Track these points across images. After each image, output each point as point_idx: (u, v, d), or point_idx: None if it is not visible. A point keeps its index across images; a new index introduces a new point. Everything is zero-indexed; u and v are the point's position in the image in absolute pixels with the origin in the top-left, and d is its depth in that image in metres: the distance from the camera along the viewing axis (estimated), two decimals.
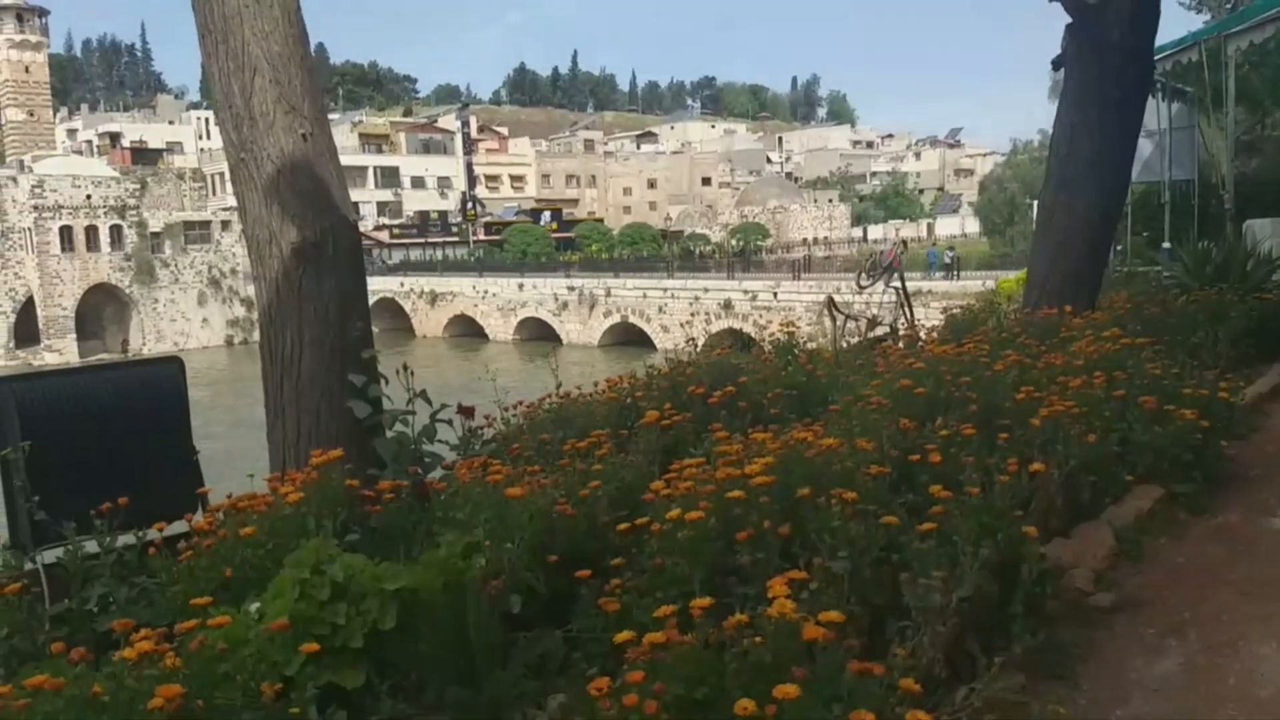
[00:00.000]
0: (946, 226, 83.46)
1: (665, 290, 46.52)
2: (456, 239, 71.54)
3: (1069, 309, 6.70)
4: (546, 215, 75.37)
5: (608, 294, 48.95)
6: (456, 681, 2.55)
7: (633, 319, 47.62)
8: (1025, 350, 5.34)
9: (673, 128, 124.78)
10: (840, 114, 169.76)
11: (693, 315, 43.52)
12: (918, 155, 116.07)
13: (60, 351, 50.84)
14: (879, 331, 8.35)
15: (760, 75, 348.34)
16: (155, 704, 1.97)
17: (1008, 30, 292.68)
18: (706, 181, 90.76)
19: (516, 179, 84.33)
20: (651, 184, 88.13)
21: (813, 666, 2.09)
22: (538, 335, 51.08)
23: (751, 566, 2.75)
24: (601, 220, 78.25)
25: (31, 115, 75.39)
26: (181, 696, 2.01)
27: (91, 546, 3.22)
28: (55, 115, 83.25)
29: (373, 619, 2.47)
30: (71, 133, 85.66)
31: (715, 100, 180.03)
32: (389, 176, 73.79)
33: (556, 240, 69.26)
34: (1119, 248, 12.47)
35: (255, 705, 2.15)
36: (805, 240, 71.20)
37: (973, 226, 75.71)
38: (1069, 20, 7.94)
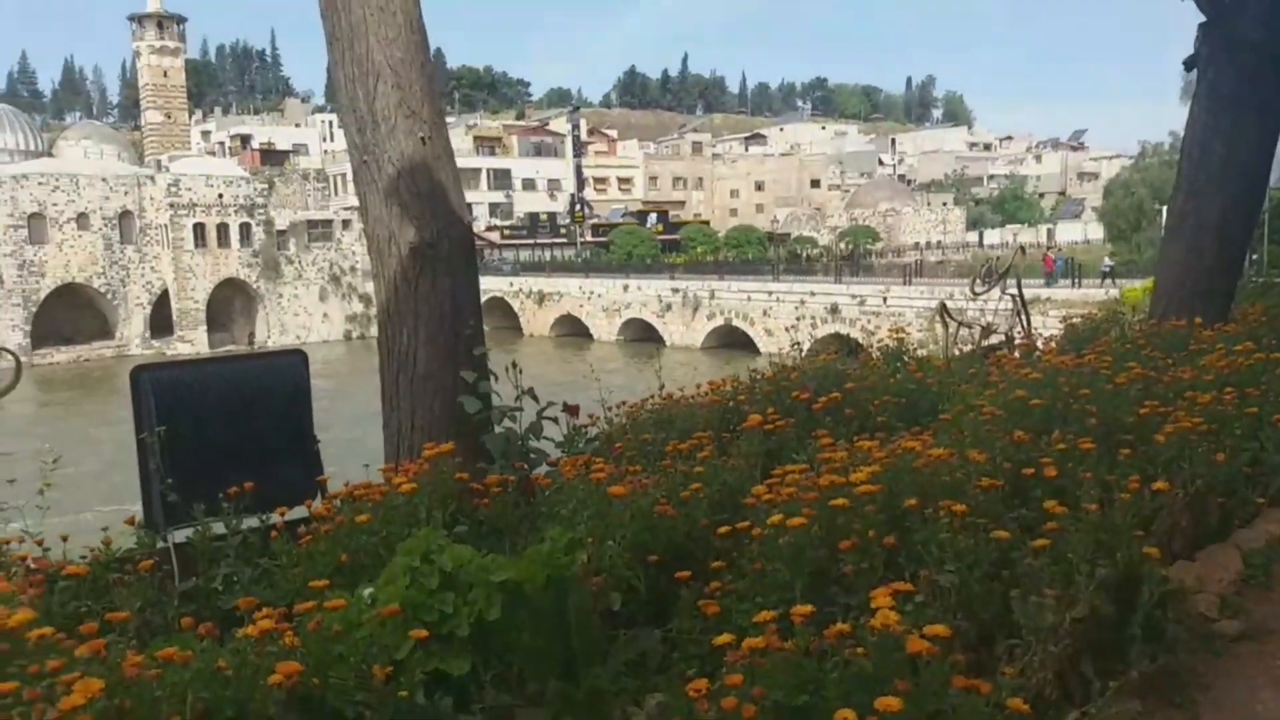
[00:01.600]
0: (1068, 232, 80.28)
1: (770, 293, 46.12)
2: (564, 240, 72.61)
3: (1199, 320, 6.38)
4: (653, 217, 75.76)
5: (711, 296, 48.84)
6: (557, 675, 2.59)
7: (736, 322, 47.39)
8: (1150, 363, 5.11)
9: (782, 129, 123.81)
10: (956, 115, 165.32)
11: (798, 319, 43.01)
12: (1038, 158, 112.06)
13: (192, 342, 53.68)
14: (993, 340, 8.10)
15: (873, 76, 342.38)
16: (275, 680, 2.07)
17: (1137, 28, 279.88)
18: (815, 184, 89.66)
19: (624, 181, 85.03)
20: (759, 186, 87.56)
21: (916, 680, 2.05)
22: (641, 336, 51.36)
23: (854, 576, 2.72)
24: (707, 222, 78.17)
25: (169, 117, 79.82)
26: (299, 674, 2.10)
27: (219, 528, 3.40)
28: (190, 117, 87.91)
29: (479, 609, 2.53)
30: (205, 134, 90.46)
31: (826, 101, 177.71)
32: (501, 178, 75.44)
33: (662, 242, 69.53)
34: (1254, 257, 11.81)
35: (367, 686, 2.23)
36: (917, 244, 69.59)
37: (1096, 232, 72.63)
38: (1202, 19, 7.56)
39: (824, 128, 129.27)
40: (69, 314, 54.06)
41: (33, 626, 2.24)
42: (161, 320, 55.46)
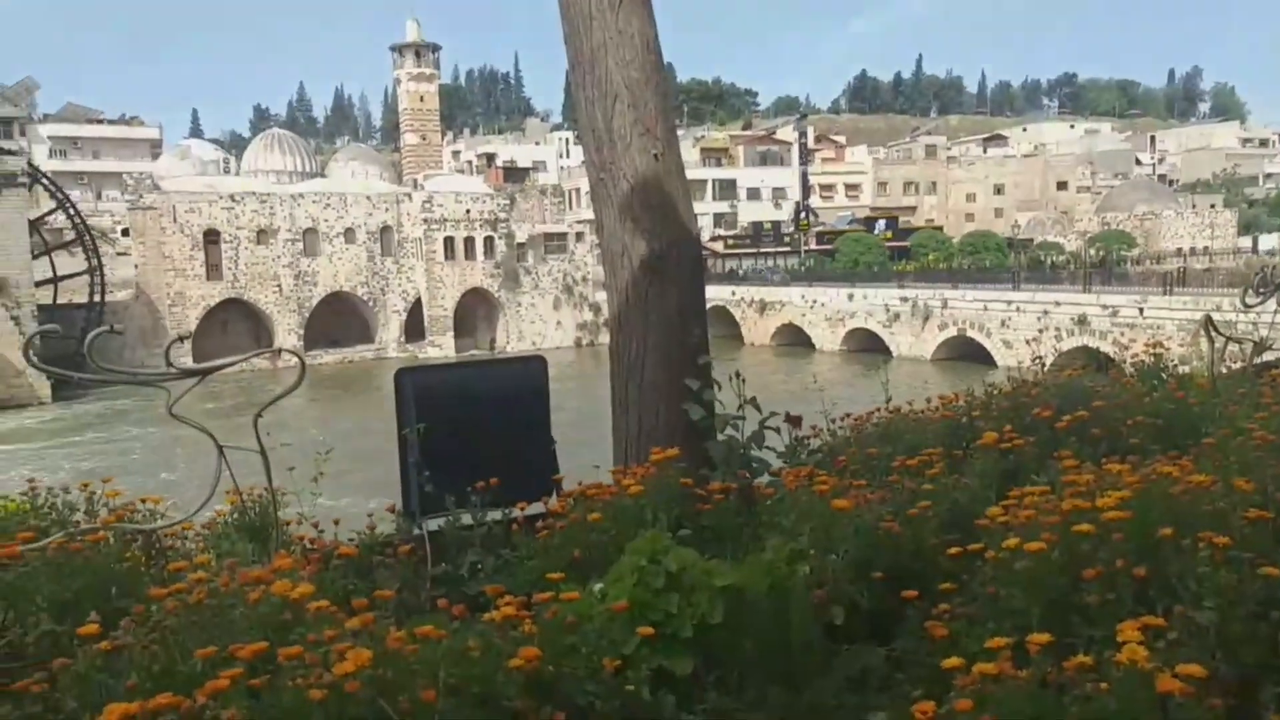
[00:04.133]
0: None
1: (1009, 303, 43.63)
2: (788, 249, 72.07)
3: None
4: (881, 224, 73.74)
5: (944, 305, 46.85)
6: (777, 683, 2.62)
7: (971, 333, 45.18)
8: None
9: (1025, 129, 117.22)
10: (1227, 109, 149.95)
11: (1040, 331, 40.43)
12: None
13: (440, 347, 57.81)
14: (1268, 357, 7.29)
15: (1130, 70, 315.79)
16: (516, 663, 2.22)
17: None
18: (1062, 186, 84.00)
19: (851, 188, 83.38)
20: (998, 189, 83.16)
21: None
22: (866, 347, 50.06)
23: (1099, 607, 2.55)
24: (940, 228, 75.09)
25: (424, 139, 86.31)
26: (537, 659, 2.25)
27: (466, 519, 3.68)
28: (442, 139, 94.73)
29: (702, 612, 2.60)
30: (455, 154, 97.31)
31: (1075, 98, 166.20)
32: (726, 189, 76.05)
33: (891, 249, 67.45)
34: None
35: (597, 678, 2.35)
36: (1179, 251, 63.54)
37: None
38: None
39: (1073, 126, 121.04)
40: (335, 319, 59.70)
41: (311, 600, 2.52)
42: (414, 326, 60.07)
